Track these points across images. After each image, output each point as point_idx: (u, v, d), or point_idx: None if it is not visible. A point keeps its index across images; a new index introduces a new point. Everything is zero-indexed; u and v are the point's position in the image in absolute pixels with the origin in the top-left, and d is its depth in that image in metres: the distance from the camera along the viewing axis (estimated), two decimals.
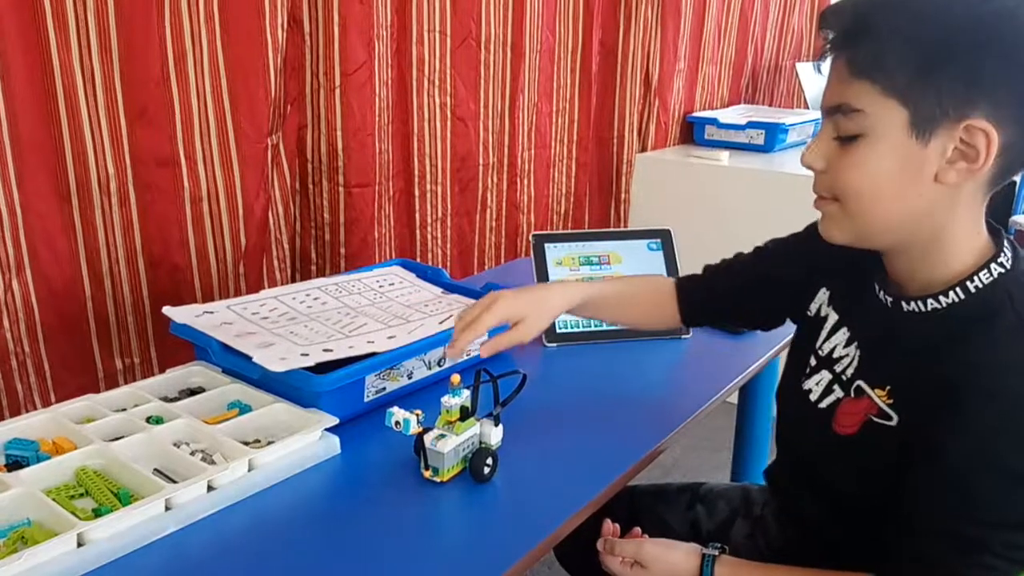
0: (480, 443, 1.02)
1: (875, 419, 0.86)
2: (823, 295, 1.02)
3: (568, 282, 1.15)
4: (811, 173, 0.87)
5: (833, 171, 0.84)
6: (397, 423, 0.99)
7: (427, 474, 1.00)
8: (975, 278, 0.82)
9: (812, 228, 0.96)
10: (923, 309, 0.85)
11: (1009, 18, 0.74)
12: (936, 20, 0.75)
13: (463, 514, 0.98)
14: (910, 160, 0.78)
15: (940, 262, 0.84)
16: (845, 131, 0.81)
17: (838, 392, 0.93)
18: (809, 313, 1.03)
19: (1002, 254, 0.83)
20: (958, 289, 0.82)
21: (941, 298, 0.83)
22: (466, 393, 1.01)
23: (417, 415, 0.99)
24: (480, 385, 1.03)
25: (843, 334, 0.96)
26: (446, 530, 0.96)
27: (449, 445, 0.98)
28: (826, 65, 0.84)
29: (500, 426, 1.03)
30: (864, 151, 0.80)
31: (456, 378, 1.00)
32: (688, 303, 1.18)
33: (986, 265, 0.82)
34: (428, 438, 0.99)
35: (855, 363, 0.92)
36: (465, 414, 1.01)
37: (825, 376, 0.96)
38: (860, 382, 0.90)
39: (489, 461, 1.00)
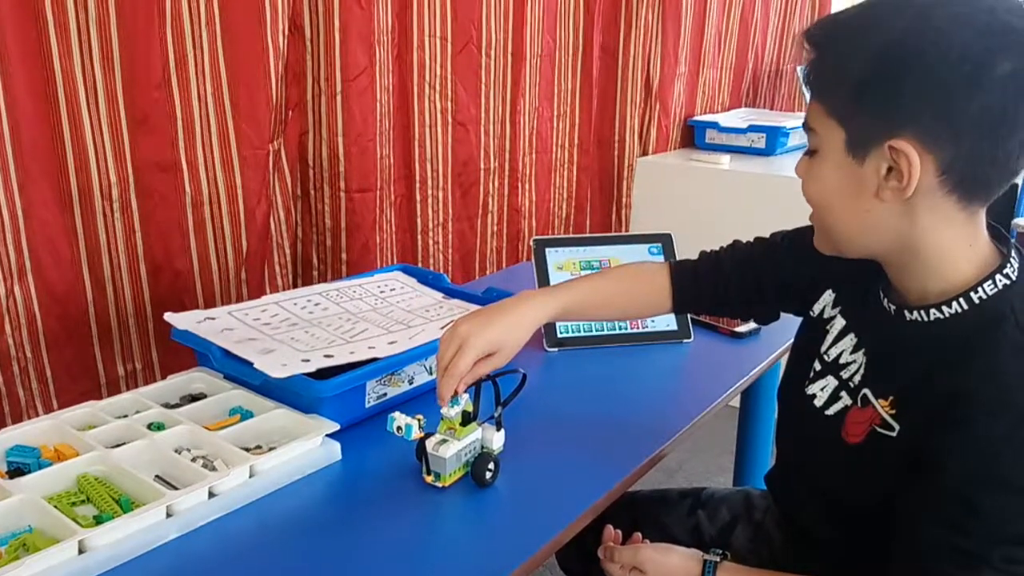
0: (482, 448, 1.02)
1: (878, 429, 0.86)
2: (828, 296, 1.00)
3: (541, 293, 1.09)
4: None
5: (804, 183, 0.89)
6: (399, 428, 0.98)
7: (429, 479, 1.00)
8: (979, 289, 0.80)
9: None
10: (926, 319, 0.84)
11: (932, 42, 0.74)
12: (865, 45, 0.77)
13: (465, 519, 0.98)
14: (851, 178, 0.81)
15: (930, 275, 0.83)
16: (809, 146, 0.86)
17: (846, 399, 0.92)
18: (812, 314, 1.02)
19: (1008, 264, 0.81)
20: (961, 300, 0.81)
21: (944, 308, 0.82)
22: (465, 398, 1.01)
23: (419, 420, 0.99)
24: (481, 390, 1.03)
25: (850, 340, 0.95)
26: (448, 535, 0.96)
27: (451, 450, 0.98)
28: None
29: (502, 431, 1.03)
30: (817, 167, 0.85)
31: None
32: (681, 291, 1.13)
33: (991, 276, 0.81)
34: (430, 443, 0.99)
35: (862, 370, 0.91)
36: (467, 419, 1.01)
37: (831, 382, 0.95)
38: (866, 390, 0.89)
39: (491, 466, 1.00)
